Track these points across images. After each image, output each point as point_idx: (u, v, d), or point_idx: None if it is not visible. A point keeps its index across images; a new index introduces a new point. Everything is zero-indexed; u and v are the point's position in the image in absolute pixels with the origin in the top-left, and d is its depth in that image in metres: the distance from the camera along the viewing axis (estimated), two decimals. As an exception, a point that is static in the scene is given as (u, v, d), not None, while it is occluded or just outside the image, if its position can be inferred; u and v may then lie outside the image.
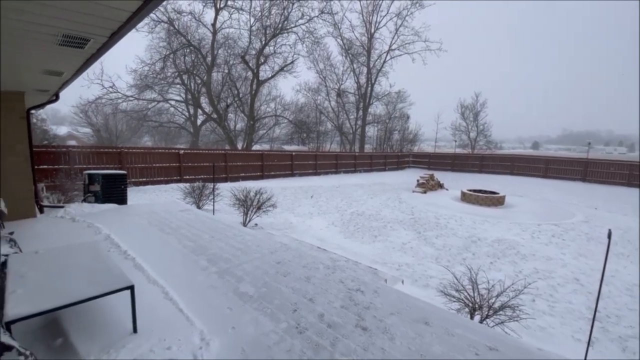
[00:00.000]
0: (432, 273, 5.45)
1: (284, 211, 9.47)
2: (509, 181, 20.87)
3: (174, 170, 13.98)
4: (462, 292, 3.63)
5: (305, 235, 7.12)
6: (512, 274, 5.64)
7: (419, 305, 3.12)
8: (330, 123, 38.79)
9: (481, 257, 6.47)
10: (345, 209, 10.28)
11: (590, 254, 6.92)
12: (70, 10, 2.10)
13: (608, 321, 4.35)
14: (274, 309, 2.96)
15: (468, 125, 39.55)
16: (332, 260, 4.36)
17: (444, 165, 28.25)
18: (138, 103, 24.46)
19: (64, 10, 2.09)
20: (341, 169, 22.49)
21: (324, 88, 35.87)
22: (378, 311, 2.96)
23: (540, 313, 4.38)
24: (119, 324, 2.58)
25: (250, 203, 7.48)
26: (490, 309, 3.46)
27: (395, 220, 9.05)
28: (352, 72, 33.90)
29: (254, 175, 17.01)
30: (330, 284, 3.52)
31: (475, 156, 28.61)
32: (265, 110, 32.99)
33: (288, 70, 28.33)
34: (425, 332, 2.66)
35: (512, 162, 25.56)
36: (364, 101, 33.47)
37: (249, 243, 4.86)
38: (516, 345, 2.67)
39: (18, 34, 2.56)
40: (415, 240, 7.38)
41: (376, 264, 5.53)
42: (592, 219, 10.27)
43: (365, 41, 32.08)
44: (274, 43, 26.58)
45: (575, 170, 22.37)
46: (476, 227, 8.74)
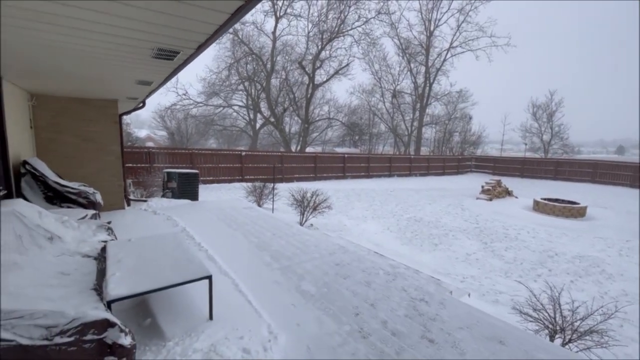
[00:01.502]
0: (501, 288, 5.00)
1: (337, 213, 9.51)
2: (590, 190, 18.23)
3: (237, 170, 14.97)
4: (541, 311, 3.27)
5: (360, 239, 7.06)
6: (597, 295, 4.92)
7: (491, 321, 2.89)
8: (384, 125, 38.03)
9: (559, 274, 5.76)
10: (401, 214, 9.97)
11: None
12: (168, 26, 2.38)
13: None
14: (336, 310, 2.99)
15: (541, 127, 35.64)
16: (391, 266, 4.27)
17: (511, 170, 25.76)
18: (206, 108, 26.80)
19: (163, 26, 2.38)
20: (395, 173, 21.86)
21: (379, 89, 35.32)
22: (445, 324, 2.81)
23: (629, 340, 3.76)
24: (197, 311, 2.84)
25: (307, 204, 7.67)
26: (575, 332, 3.06)
27: (457, 229, 8.51)
28: (409, 72, 32.82)
29: (307, 176, 17.41)
30: (391, 291, 3.45)
31: (549, 161, 25.55)
32: (319, 113, 33.59)
33: (343, 73, 28.50)
34: (502, 352, 2.45)
35: (594, 169, 22.25)
36: (421, 102, 32.16)
37: (308, 242, 4.98)
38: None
39: (121, 49, 2.97)
40: (481, 251, 6.85)
41: (438, 274, 5.26)
42: None
43: (424, 39, 30.81)
44: (329, 47, 26.98)
45: (682, 180, 18.65)
46: (552, 240, 7.80)
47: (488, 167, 27.23)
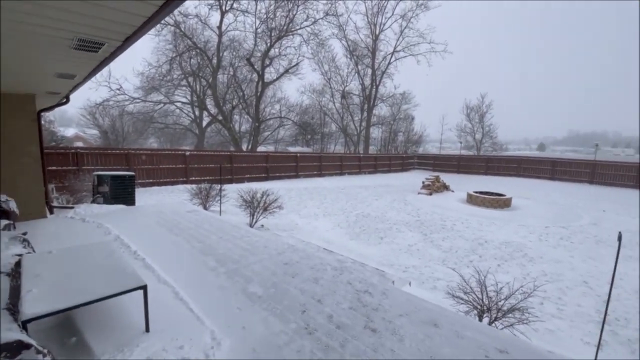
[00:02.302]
0: (439, 275, 5.44)
1: (289, 212, 9.49)
2: (516, 183, 20.70)
3: (180, 171, 14.10)
4: (470, 294, 3.62)
5: (312, 237, 7.13)
6: (519, 276, 5.59)
7: (428, 307, 3.12)
8: (334, 124, 38.84)
9: (488, 259, 6.43)
10: (350, 211, 10.29)
11: (599, 256, 6.85)
12: (88, 15, 2.14)
13: (617, 324, 4.31)
14: (283, 310, 2.98)
15: (474, 127, 39.33)
16: (339, 261, 4.37)
17: (449, 167, 28.11)
18: (144, 105, 24.75)
19: (82, 15, 2.14)
20: (346, 171, 22.49)
21: (329, 89, 35.96)
22: (387, 313, 2.97)
23: (548, 316, 4.35)
24: (132, 324, 2.62)
25: (256, 204, 7.52)
26: (499, 311, 3.45)
27: (401, 222, 9.04)
28: (356, 73, 33.94)
29: (259, 176, 17.08)
30: (338, 286, 3.53)
31: (481, 158, 28.42)
32: (270, 112, 33.13)
33: (293, 72, 28.45)
34: (435, 334, 2.66)
35: (519, 164, 25.35)
36: (368, 102, 33.47)
37: (257, 244, 4.89)
38: (526, 348, 2.66)
39: (34, 38, 2.61)
40: (421, 242, 7.36)
41: (383, 265, 5.53)
42: (600, 221, 10.16)
43: (370, 43, 32.10)
44: (279, 45, 26.72)
45: (582, 172, 22.12)
46: (483, 229, 8.69)
47: (429, 164, 29.38)
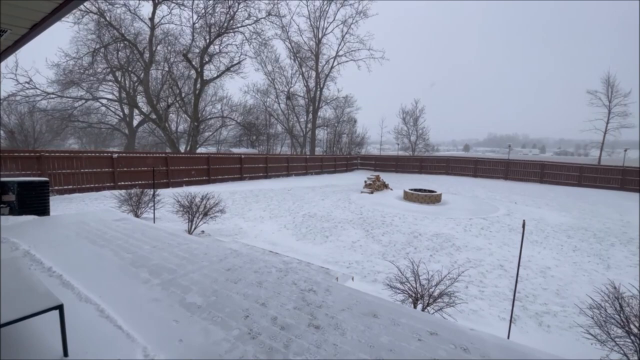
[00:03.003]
0: (379, 268, 5.76)
1: (233, 216, 9.18)
2: (445, 180, 22.89)
3: (107, 176, 12.68)
4: (405, 284, 3.92)
5: (257, 240, 7.00)
6: (448, 264, 6.20)
7: (368, 299, 3.29)
8: (280, 126, 38.62)
9: (422, 250, 7.01)
10: (297, 212, 10.33)
11: (512, 242, 7.92)
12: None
13: (527, 300, 5.02)
14: (224, 317, 2.88)
15: (409, 130, 42.42)
16: (284, 263, 4.37)
17: (389, 166, 29.92)
18: (61, 101, 21.73)
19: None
20: (292, 172, 22.51)
21: (273, 90, 35.64)
22: (330, 309, 3.05)
23: (472, 297, 4.90)
24: (47, 349, 2.30)
25: (195, 209, 7.12)
26: (430, 297, 3.79)
27: (345, 221, 9.36)
28: (301, 75, 34.23)
29: (199, 179, 16.18)
30: (282, 287, 3.53)
31: (416, 158, 30.82)
32: (211, 111, 31.67)
33: (235, 70, 27.59)
34: (374, 324, 2.82)
35: (447, 163, 28.09)
36: (313, 105, 33.99)
37: (196, 251, 4.64)
38: (453, 328, 2.96)
39: None
40: (364, 238, 7.72)
41: (328, 263, 5.67)
42: (512, 212, 11.76)
43: (314, 46, 32.65)
44: (219, 42, 25.69)
45: (498, 170, 25.38)
46: (417, 223, 9.44)
47: (371, 164, 30.93)
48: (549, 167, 23.50)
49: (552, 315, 4.48)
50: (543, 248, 7.60)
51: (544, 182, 23.15)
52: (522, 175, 24.26)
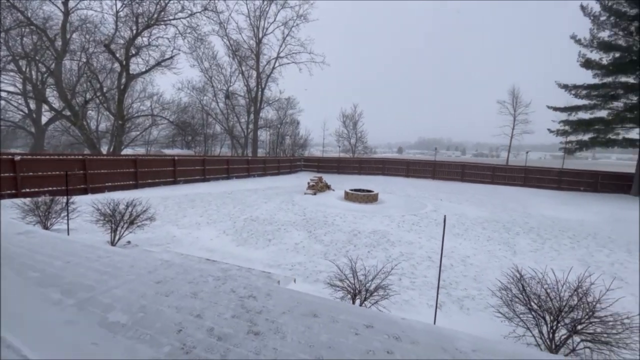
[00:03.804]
0: (321, 268, 5.87)
1: (165, 224, 8.50)
2: (382, 180, 24.36)
3: (7, 181, 10.68)
4: (344, 281, 4.06)
5: (193, 248, 6.58)
6: (384, 259, 6.61)
7: (308, 299, 3.32)
8: (219, 126, 36.96)
9: (361, 247, 7.35)
10: (238, 216, 9.98)
11: (439, 236, 8.74)
12: None
13: (450, 287, 5.59)
14: (154, 334, 2.64)
15: (349, 133, 44.21)
16: (222, 270, 4.19)
17: (331, 168, 30.74)
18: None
19: None
20: (233, 174, 21.68)
21: (211, 88, 33.97)
22: (270, 313, 3.01)
23: (405, 289, 5.29)
24: None
25: (120, 218, 6.40)
26: (367, 292, 3.98)
27: (289, 223, 9.33)
28: (240, 74, 33.25)
29: (125, 184, 14.60)
30: (220, 296, 3.37)
31: (356, 160, 32.22)
32: (139, 109, 28.92)
33: (167, 65, 25.61)
34: (314, 324, 2.86)
35: (383, 165, 29.94)
36: (255, 105, 33.24)
37: (120, 264, 4.18)
38: (386, 320, 3.16)
39: None
40: (307, 239, 7.79)
41: (270, 267, 5.59)
42: (439, 208, 13.01)
43: (254, 45, 31.98)
44: (148, 34, 23.59)
45: (427, 170, 27.90)
46: (357, 222, 9.86)
47: (314, 166, 31.42)
48: (468, 168, 26.63)
49: (471, 299, 5.07)
50: (464, 239, 8.56)
51: (464, 180, 26.13)
52: (447, 175, 27.05)
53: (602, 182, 22.56)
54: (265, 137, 40.48)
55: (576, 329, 3.37)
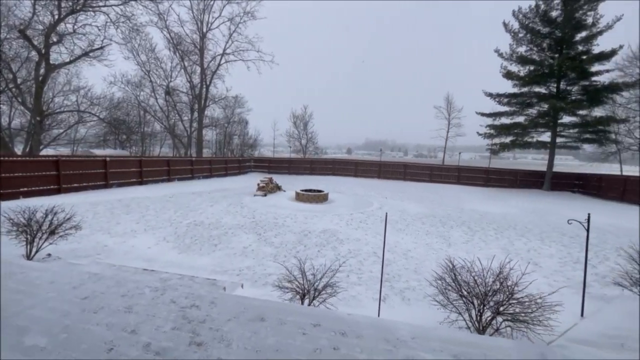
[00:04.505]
0: (271, 271, 5.80)
1: (94, 232, 7.65)
2: (332, 180, 24.90)
3: None
4: (293, 282, 4.07)
5: (127, 258, 6.01)
6: (333, 257, 6.77)
7: (255, 304, 3.27)
8: (159, 124, 34.35)
9: (311, 247, 7.42)
10: (180, 221, 9.37)
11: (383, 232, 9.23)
12: None
13: (394, 280, 5.93)
14: (80, 355, 2.38)
15: (300, 133, 44.33)
16: (162, 280, 3.91)
17: (282, 168, 30.50)
18: None
19: None
20: (175, 176, 20.30)
21: (149, 83, 31.42)
22: (214, 322, 2.90)
23: (352, 285, 5.48)
24: None
25: (37, 227, 5.58)
26: (316, 291, 4.04)
27: (237, 226, 9.04)
28: (183, 69, 31.29)
29: (45, 189, 12.80)
30: (158, 308, 3.15)
31: (307, 160, 32.44)
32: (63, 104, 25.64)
33: (96, 56, 23.03)
34: (261, 328, 2.82)
35: (333, 165, 30.64)
36: (199, 102, 31.52)
37: (38, 281, 3.67)
38: (334, 317, 3.24)
39: None
40: (256, 242, 7.63)
41: (216, 274, 5.36)
42: (384, 206, 13.71)
43: (197, 39, 30.33)
44: (73, 21, 20.97)
45: (373, 170, 29.23)
46: (307, 222, 9.95)
47: (264, 166, 30.88)
48: (410, 167, 28.54)
49: (412, 290, 5.44)
50: (405, 234, 9.14)
51: (406, 179, 27.93)
52: (391, 175, 28.65)
53: (521, 179, 25.91)
54: (211, 137, 38.66)
55: (499, 310, 3.81)
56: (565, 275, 6.34)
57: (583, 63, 21.04)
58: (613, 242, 8.92)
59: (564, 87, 23.14)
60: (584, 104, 21.78)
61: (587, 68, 21.50)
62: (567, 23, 21.34)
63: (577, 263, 7.04)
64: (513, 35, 23.70)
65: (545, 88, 23.70)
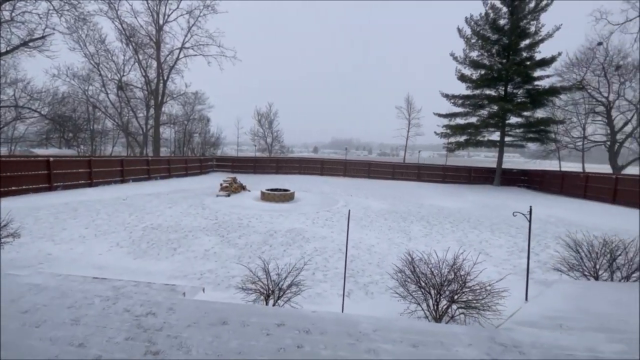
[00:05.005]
0: (235, 273, 5.67)
1: (36, 240, 6.94)
2: (299, 179, 24.86)
3: None
4: (257, 283, 4.02)
5: (75, 267, 5.54)
6: (299, 256, 6.77)
7: (217, 307, 3.18)
8: (110, 121, 31.99)
9: (277, 247, 7.37)
10: (135, 225, 8.81)
11: (349, 229, 9.41)
12: None
13: (358, 275, 6.07)
14: (15, 378, 2.15)
15: (265, 132, 43.70)
16: (114, 289, 3.66)
17: (247, 168, 29.83)
18: None
19: None
20: (130, 177, 19.01)
21: (99, 77, 29.12)
22: (173, 329, 2.78)
23: (318, 282, 5.53)
24: None
25: (-36, 236, 4.95)
26: (280, 290, 4.03)
27: (197, 228, 8.70)
28: (137, 63, 29.37)
29: (-26, 193, 11.34)
30: (110, 318, 2.95)
31: (272, 159, 32.06)
32: None
33: (36, 47, 20.82)
34: (223, 332, 2.75)
35: (300, 164, 30.59)
36: (155, 98, 29.78)
37: (-36, 297, 3.26)
38: (298, 315, 3.26)
39: None
40: (219, 244, 7.40)
41: (175, 279, 5.12)
42: (349, 203, 13.98)
43: (153, 32, 28.62)
44: (10, 7, 18.77)
45: (339, 168, 29.66)
46: (273, 221, 9.85)
47: (228, 166, 29.99)
48: (374, 166, 29.38)
49: (375, 284, 5.62)
50: (369, 230, 9.40)
51: (370, 177, 28.71)
52: (356, 173, 29.28)
53: (474, 175, 27.77)
54: (169, 135, 36.73)
55: (454, 298, 4.07)
56: (512, 263, 6.93)
57: (527, 68, 23.07)
58: (553, 232, 9.88)
59: (511, 90, 25.19)
60: (528, 106, 23.87)
61: (530, 73, 23.61)
62: (513, 31, 23.21)
63: (522, 252, 7.71)
64: (466, 40, 25.29)
65: (495, 91, 25.62)
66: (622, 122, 26.97)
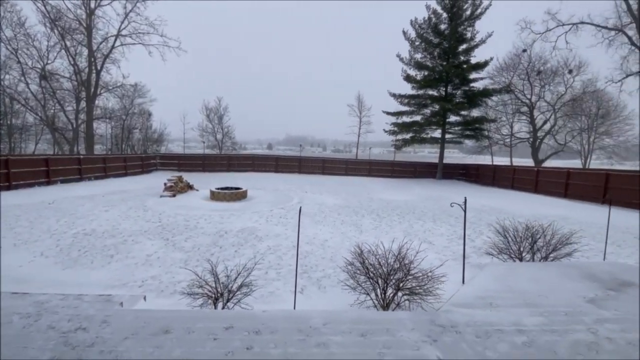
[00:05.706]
0: (180, 278, 5.36)
1: None
2: (252, 177, 24.29)
3: None
4: (204, 287, 3.85)
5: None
6: (252, 255, 6.63)
7: (159, 316, 3.00)
8: (31, 115, 28.09)
9: (228, 248, 7.13)
10: (64, 231, 7.87)
11: (303, 225, 9.42)
12: None
13: (311, 271, 6.12)
14: None
15: (214, 127, 41.79)
16: (37, 304, 3.25)
17: (195, 166, 28.30)
18: None
19: None
20: (58, 178, 16.88)
21: (17, 65, 25.36)
22: (107, 343, 2.55)
23: (271, 280, 5.48)
24: None
25: None
26: (230, 292, 3.92)
27: (138, 232, 8.05)
28: (64, 50, 26.07)
29: None
30: (32, 337, 2.62)
31: (223, 156, 30.84)
32: None
33: None
34: (165, 341, 2.60)
35: (253, 161, 29.89)
36: (87, 90, 26.75)
37: None
38: (248, 316, 3.20)
39: None
40: (162, 249, 6.93)
41: (112, 288, 4.69)
42: (304, 200, 14.04)
43: (83, 16, 25.58)
44: None
45: (294, 165, 29.61)
46: (224, 221, 9.51)
47: (173, 164, 28.17)
48: (328, 162, 29.87)
49: (327, 278, 5.73)
50: (323, 225, 9.55)
51: (325, 173, 29.14)
52: (311, 169, 29.49)
53: (419, 170, 29.71)
54: (105, 131, 33.33)
55: (399, 286, 4.32)
56: (452, 250, 7.56)
57: (464, 71, 25.17)
58: (486, 220, 10.97)
59: (451, 91, 27.32)
60: (465, 106, 26.12)
61: (467, 75, 25.82)
62: (452, 36, 25.13)
63: (460, 239, 8.43)
64: (411, 42, 26.78)
65: (437, 91, 27.57)
66: (542, 121, 30.98)
